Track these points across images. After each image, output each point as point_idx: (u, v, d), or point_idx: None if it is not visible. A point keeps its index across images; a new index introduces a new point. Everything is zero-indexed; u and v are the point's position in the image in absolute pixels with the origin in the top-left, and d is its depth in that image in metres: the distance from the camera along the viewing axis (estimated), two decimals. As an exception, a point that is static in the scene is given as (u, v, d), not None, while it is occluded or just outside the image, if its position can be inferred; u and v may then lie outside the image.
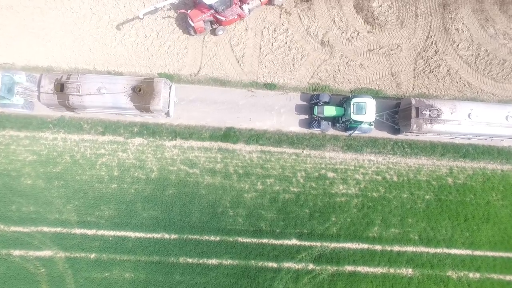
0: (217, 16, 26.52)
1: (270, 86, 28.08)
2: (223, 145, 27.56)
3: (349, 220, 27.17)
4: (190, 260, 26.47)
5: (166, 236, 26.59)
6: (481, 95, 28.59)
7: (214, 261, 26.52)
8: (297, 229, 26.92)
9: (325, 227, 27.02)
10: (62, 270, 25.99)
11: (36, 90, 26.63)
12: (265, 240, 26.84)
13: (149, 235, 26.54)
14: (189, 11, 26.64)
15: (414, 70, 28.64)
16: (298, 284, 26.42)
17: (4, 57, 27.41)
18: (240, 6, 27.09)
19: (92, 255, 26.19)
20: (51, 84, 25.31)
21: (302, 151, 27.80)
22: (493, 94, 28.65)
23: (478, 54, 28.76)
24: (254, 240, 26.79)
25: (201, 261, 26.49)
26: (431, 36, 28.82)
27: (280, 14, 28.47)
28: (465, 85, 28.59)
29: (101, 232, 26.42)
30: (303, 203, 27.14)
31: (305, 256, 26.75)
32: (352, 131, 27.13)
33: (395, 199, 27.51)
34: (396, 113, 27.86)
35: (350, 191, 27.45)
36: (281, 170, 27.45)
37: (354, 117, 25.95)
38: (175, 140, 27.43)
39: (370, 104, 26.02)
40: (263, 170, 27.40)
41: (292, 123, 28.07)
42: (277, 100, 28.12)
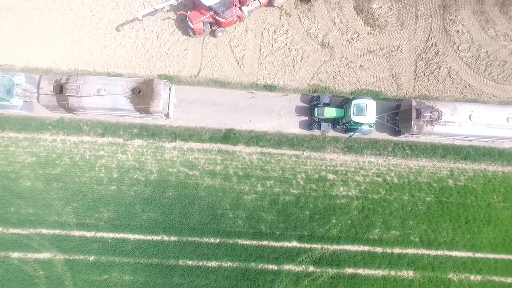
0: (217, 18, 26.47)
1: (270, 88, 28.01)
2: (223, 147, 27.46)
3: (350, 222, 27.04)
4: (190, 263, 26.34)
5: (166, 238, 26.46)
6: (482, 97, 28.52)
7: (214, 264, 26.39)
8: (297, 231, 26.80)
9: (326, 229, 26.90)
10: (61, 273, 25.86)
11: (36, 92, 26.51)
12: (265, 242, 26.72)
13: (149, 237, 26.42)
14: (189, 13, 26.58)
15: (415, 72, 28.58)
16: (299, 287, 26.27)
17: (4, 59, 27.33)
18: (240, 8, 27.01)
19: (91, 258, 26.06)
20: (51, 86, 25.21)
21: (302, 153, 27.70)
22: (494, 96, 28.59)
23: (479, 56, 28.70)
24: (254, 242, 26.67)
25: (201, 264, 26.36)
26: (432, 38, 28.77)
27: (280, 16, 28.42)
28: (466, 87, 28.53)
29: (100, 234, 26.29)
30: (303, 205, 27.03)
31: (306, 259, 26.61)
32: (353, 133, 27.05)
33: (396, 201, 27.40)
34: (397, 115, 27.79)
35: (351, 193, 27.34)
36: (281, 172, 27.35)
37: (355, 119, 25.87)
38: (175, 142, 27.34)
39: (371, 106, 25.94)
40: (263, 172, 27.29)
41: (292, 125, 27.98)
42: (277, 102, 28.05)
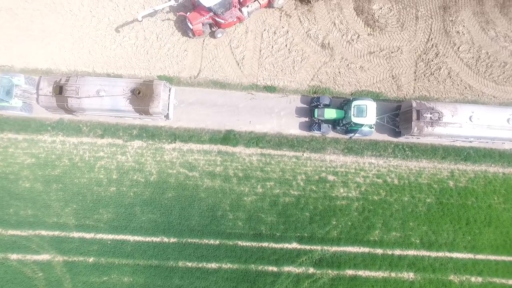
0: (216, 19, 26.43)
1: (270, 89, 27.96)
2: (223, 148, 27.39)
3: (350, 224, 26.96)
4: (189, 264, 26.24)
5: (165, 240, 26.37)
6: (482, 98, 28.47)
7: (214, 265, 26.29)
8: (298, 233, 26.71)
9: (326, 231, 26.81)
10: (60, 274, 25.76)
11: (35, 93, 26.47)
12: (265, 244, 26.62)
13: (148, 239, 26.33)
14: (188, 14, 26.55)
15: (415, 73, 28.54)
16: (299, 289, 26.22)
17: (3, 60, 27.29)
18: (239, 9, 26.99)
19: (90, 259, 25.96)
20: (50, 87, 25.13)
21: (302, 154, 27.63)
22: (494, 97, 28.53)
23: (479, 57, 28.66)
24: (254, 244, 26.57)
25: (201, 265, 26.26)
26: (432, 39, 28.74)
27: (280, 17, 28.39)
28: (466, 88, 28.48)
29: (100, 236, 26.20)
30: (304, 207, 26.94)
31: (306, 260, 26.51)
32: (353, 134, 26.99)
33: (396, 203, 27.32)
34: (397, 116, 27.72)
35: (351, 194, 27.26)
36: (281, 173, 27.27)
37: (355, 120, 25.81)
38: (175, 143, 27.27)
39: (371, 107, 25.87)
40: (263, 173, 27.22)
41: (292, 126, 27.91)
42: (277, 103, 27.98)
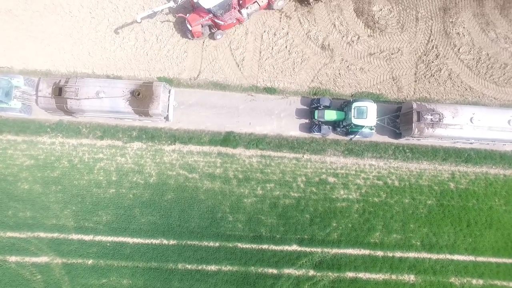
0: (216, 21, 26.39)
1: (270, 90, 27.89)
2: (223, 150, 27.30)
3: (350, 226, 26.85)
4: (189, 266, 26.10)
5: (165, 242, 26.24)
6: (483, 99, 28.41)
7: (213, 267, 26.16)
8: (298, 235, 26.59)
9: (326, 233, 26.70)
10: (59, 277, 25.62)
11: (34, 94, 26.38)
12: (265, 246, 26.50)
13: (148, 241, 26.20)
14: (188, 15, 26.53)
15: (415, 74, 28.48)
16: (299, 291, 26.08)
17: (2, 61, 27.24)
18: (239, 11, 26.96)
19: (90, 261, 25.83)
20: (49, 88, 25.06)
21: (303, 156, 27.54)
22: (495, 98, 28.47)
23: (479, 58, 28.61)
24: (254, 246, 26.45)
25: (200, 267, 26.12)
26: (432, 40, 28.69)
27: (280, 18, 28.35)
28: (467, 89, 28.42)
29: (99, 238, 26.08)
30: (304, 208, 26.83)
31: (306, 262, 26.39)
32: (353, 136, 26.90)
33: (397, 204, 27.21)
34: (397, 118, 27.64)
35: (351, 196, 27.15)
36: (281, 175, 27.18)
37: (355, 122, 25.74)
38: (174, 145, 27.19)
39: (371, 108, 25.81)
40: (263, 175, 27.12)
41: (293, 128, 27.84)
42: (277, 104, 27.91)
